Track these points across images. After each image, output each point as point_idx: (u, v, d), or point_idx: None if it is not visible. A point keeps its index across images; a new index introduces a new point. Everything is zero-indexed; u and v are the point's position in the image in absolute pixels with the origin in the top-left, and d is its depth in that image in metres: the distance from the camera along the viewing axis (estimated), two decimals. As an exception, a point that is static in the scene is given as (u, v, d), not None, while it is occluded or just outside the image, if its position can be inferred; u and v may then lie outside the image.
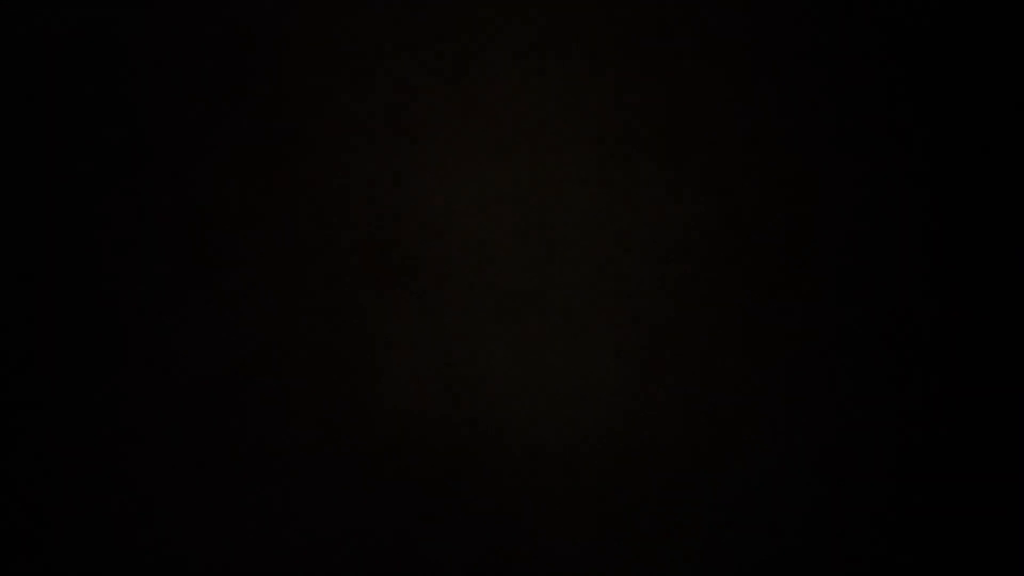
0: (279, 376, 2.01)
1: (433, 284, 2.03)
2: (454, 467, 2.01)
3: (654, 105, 2.05)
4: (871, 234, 2.05)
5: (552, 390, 2.02)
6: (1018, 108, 2.05)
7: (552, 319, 2.03)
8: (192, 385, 2.01)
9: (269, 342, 2.01)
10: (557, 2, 2.06)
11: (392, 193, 2.04)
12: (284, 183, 2.03)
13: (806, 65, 2.06)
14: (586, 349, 2.03)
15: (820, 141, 2.06)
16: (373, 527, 2.01)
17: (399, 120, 2.04)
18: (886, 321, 2.04)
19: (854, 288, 2.04)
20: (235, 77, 2.04)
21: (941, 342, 2.04)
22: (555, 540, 2.02)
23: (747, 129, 2.05)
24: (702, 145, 2.05)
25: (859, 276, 2.04)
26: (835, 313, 2.04)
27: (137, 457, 2.01)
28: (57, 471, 2.00)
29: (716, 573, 2.02)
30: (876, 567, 2.03)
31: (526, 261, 2.04)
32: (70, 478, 2.00)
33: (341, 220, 2.03)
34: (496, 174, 2.04)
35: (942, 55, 2.07)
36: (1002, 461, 2.03)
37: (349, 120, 2.04)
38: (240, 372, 2.01)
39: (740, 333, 2.03)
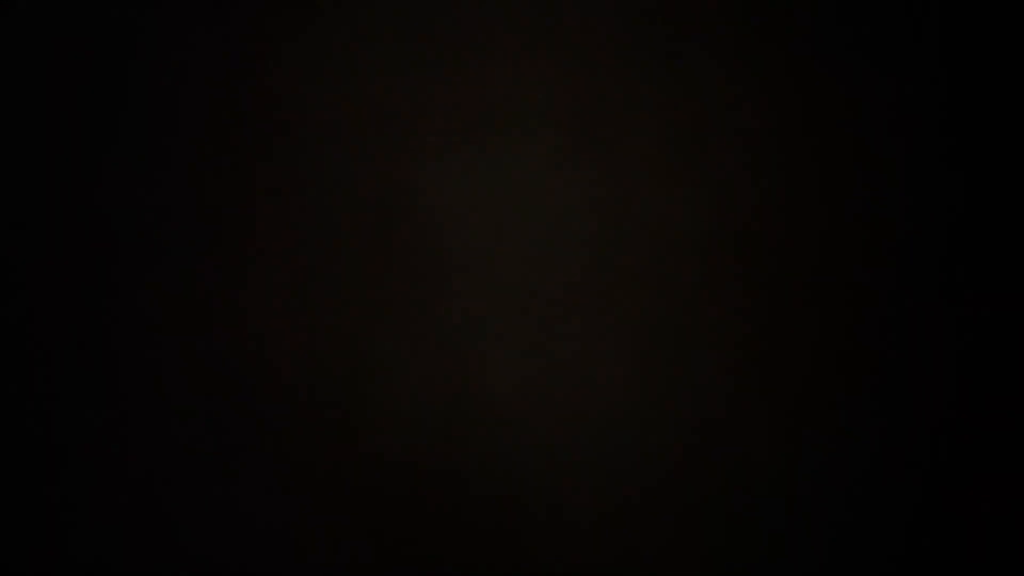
0: (279, 376, 2.02)
1: (433, 284, 2.03)
2: (454, 467, 2.01)
3: (655, 105, 2.04)
4: (872, 234, 2.03)
5: (552, 389, 2.02)
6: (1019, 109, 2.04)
7: (552, 319, 2.03)
8: (191, 385, 2.02)
9: (270, 341, 2.02)
10: None
11: (392, 193, 2.04)
12: (282, 184, 2.03)
13: (806, 65, 2.05)
14: (586, 349, 2.02)
15: (821, 141, 2.04)
16: (375, 527, 2.01)
17: (400, 119, 2.05)
18: (887, 321, 2.02)
19: (855, 287, 2.03)
20: (232, 77, 2.05)
21: (943, 343, 2.03)
22: (557, 537, 2.01)
23: (748, 129, 2.04)
24: (703, 145, 2.04)
25: (860, 276, 2.03)
26: (836, 312, 2.03)
27: (135, 459, 2.01)
28: (53, 471, 2.01)
29: (717, 573, 2.01)
30: (876, 567, 2.01)
31: (527, 261, 2.03)
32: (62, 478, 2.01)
33: (342, 219, 2.03)
34: (496, 175, 2.04)
35: (940, 54, 2.05)
36: (1008, 464, 2.01)
37: (347, 119, 2.05)
38: (240, 371, 2.02)
39: (740, 333, 2.02)
